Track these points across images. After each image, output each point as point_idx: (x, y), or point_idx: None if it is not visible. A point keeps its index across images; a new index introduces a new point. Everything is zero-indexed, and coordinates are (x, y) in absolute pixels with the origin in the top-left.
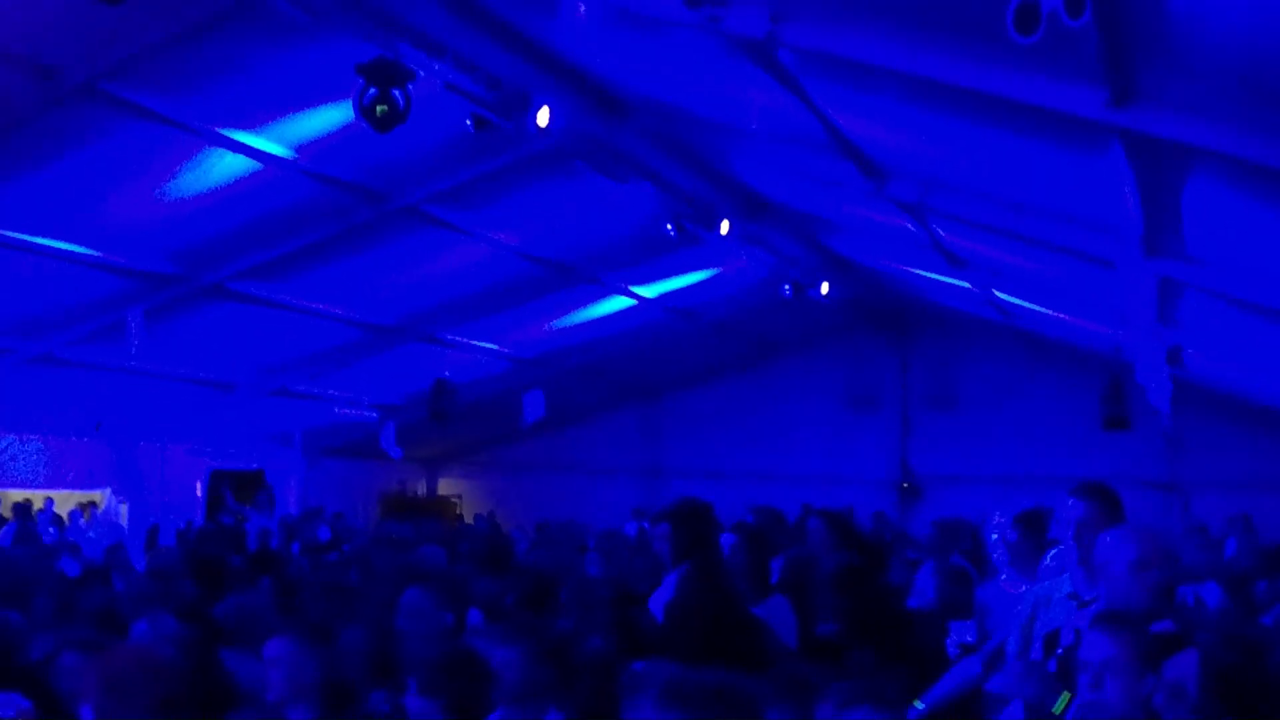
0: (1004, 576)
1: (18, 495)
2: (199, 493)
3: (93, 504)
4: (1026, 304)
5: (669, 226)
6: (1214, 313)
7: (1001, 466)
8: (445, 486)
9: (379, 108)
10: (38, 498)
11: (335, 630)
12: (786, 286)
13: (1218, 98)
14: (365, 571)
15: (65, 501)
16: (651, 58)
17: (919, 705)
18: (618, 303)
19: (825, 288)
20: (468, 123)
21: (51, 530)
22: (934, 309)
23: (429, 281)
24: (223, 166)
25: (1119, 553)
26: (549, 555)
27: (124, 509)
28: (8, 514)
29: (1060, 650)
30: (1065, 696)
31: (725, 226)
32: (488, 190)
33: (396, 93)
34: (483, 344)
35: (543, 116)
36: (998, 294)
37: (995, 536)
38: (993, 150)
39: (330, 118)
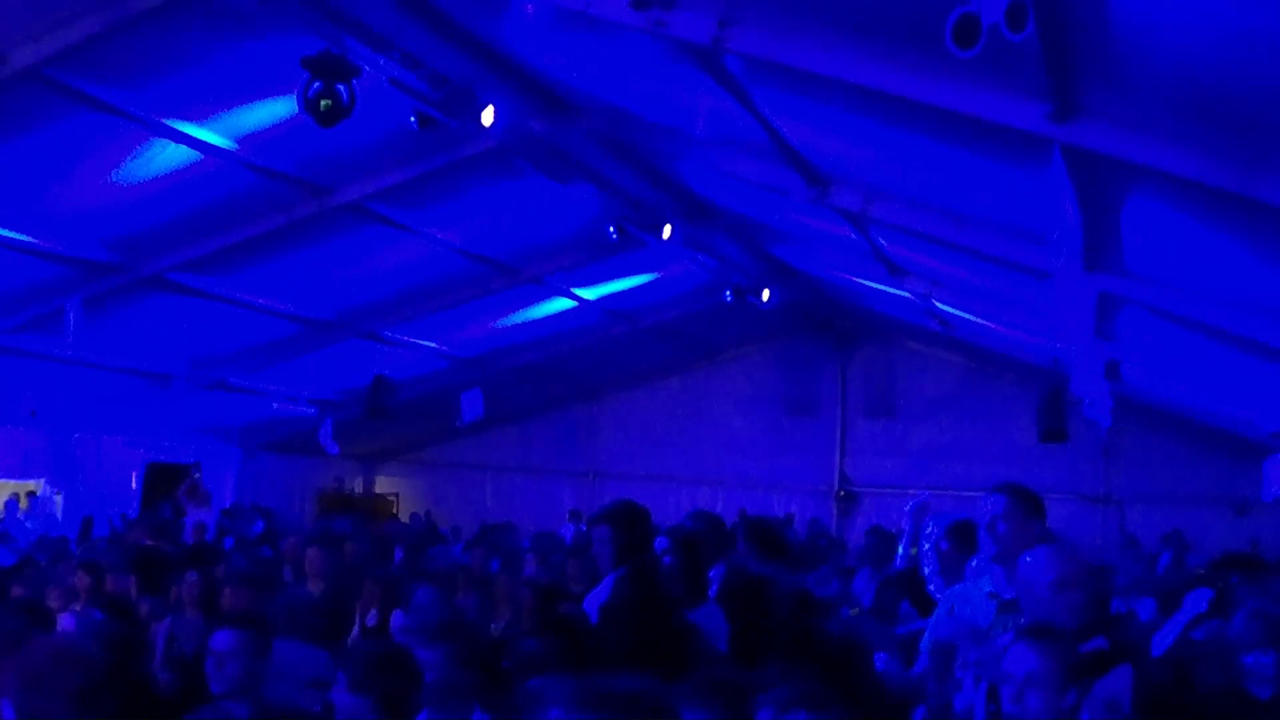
0: (931, 586)
1: None
2: (134, 484)
3: (30, 494)
4: (966, 315)
5: (611, 229)
6: (1152, 328)
7: (938, 476)
8: (382, 484)
9: (323, 102)
10: None
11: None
12: (728, 292)
13: (1158, 115)
14: (298, 568)
15: (0, 490)
16: (598, 60)
17: None
18: (559, 304)
19: (766, 294)
20: (412, 120)
21: None
22: (874, 318)
23: (370, 278)
24: (165, 157)
25: (1040, 573)
26: (485, 555)
27: (59, 499)
28: None
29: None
30: None
31: (668, 231)
32: (431, 188)
33: (341, 87)
34: (423, 342)
35: (487, 116)
36: (938, 304)
37: (927, 546)
38: (935, 161)
39: (274, 111)
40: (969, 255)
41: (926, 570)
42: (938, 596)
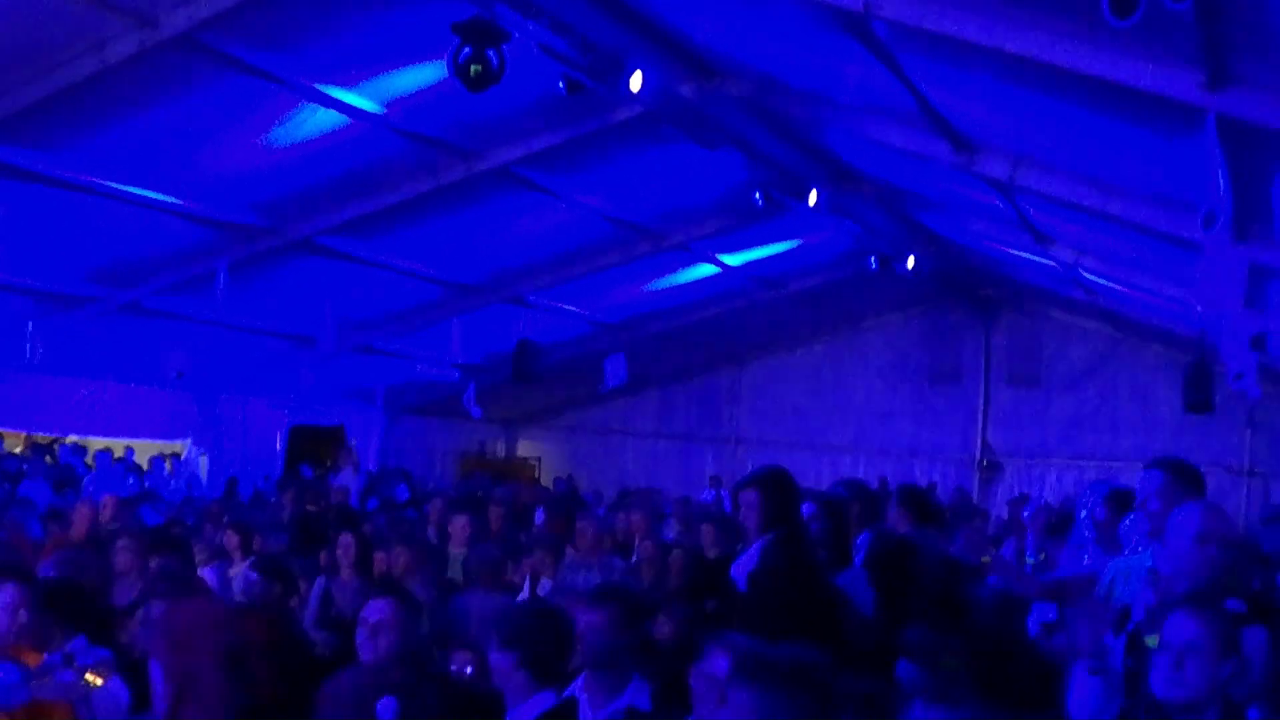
0: (1088, 555)
1: (100, 443)
2: (278, 446)
3: (175, 454)
4: (1112, 284)
5: (757, 195)
6: None
7: (1082, 446)
8: (524, 448)
9: (473, 67)
10: (118, 446)
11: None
12: (873, 259)
13: None
14: (441, 531)
15: (146, 451)
16: (746, 25)
17: None
18: (702, 270)
19: (911, 261)
20: (560, 85)
21: (130, 479)
22: (1019, 286)
23: (515, 242)
24: (313, 121)
25: (1183, 526)
26: (626, 520)
27: (204, 460)
28: (91, 462)
29: (1130, 626)
30: None
31: (814, 197)
32: (578, 153)
33: (491, 53)
34: (567, 307)
35: (635, 81)
36: (1084, 273)
37: (1084, 514)
38: (1084, 129)
39: (423, 75)
40: (1117, 224)
41: (1085, 539)
42: (1094, 567)
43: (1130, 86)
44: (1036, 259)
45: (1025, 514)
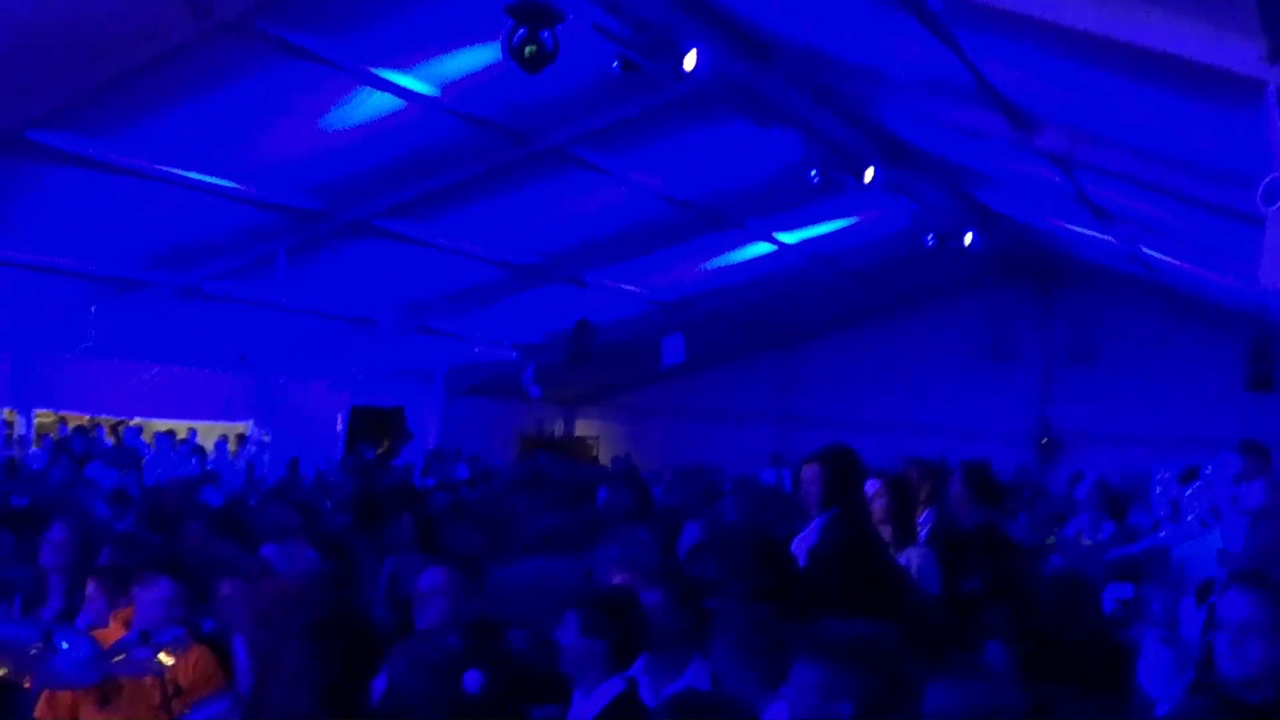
0: (1163, 534)
1: (161, 425)
2: (339, 427)
3: (240, 436)
4: (1172, 260)
5: (813, 173)
6: None
7: (1142, 425)
8: (582, 427)
9: (528, 48)
10: (181, 428)
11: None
12: (930, 236)
13: None
14: (509, 510)
15: (208, 433)
16: (800, 2)
17: None
18: (759, 248)
19: (969, 239)
20: (615, 65)
21: (193, 460)
22: (1077, 263)
23: (572, 222)
24: (369, 104)
25: (1248, 501)
26: (685, 498)
27: (267, 441)
28: (151, 443)
29: (1213, 599)
30: None
31: (870, 174)
32: (633, 133)
33: (545, 34)
34: (624, 286)
35: (690, 60)
36: (1143, 249)
37: (1159, 491)
38: (1143, 103)
39: (477, 57)
40: (1176, 199)
41: (1159, 517)
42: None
43: (1188, 59)
44: (1095, 235)
45: (1079, 492)
